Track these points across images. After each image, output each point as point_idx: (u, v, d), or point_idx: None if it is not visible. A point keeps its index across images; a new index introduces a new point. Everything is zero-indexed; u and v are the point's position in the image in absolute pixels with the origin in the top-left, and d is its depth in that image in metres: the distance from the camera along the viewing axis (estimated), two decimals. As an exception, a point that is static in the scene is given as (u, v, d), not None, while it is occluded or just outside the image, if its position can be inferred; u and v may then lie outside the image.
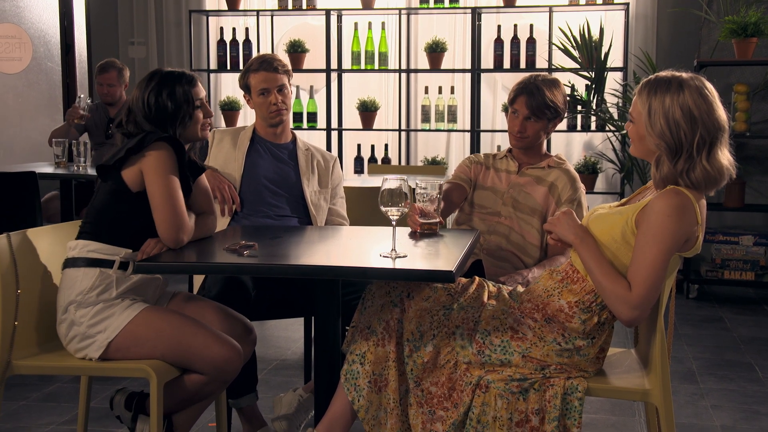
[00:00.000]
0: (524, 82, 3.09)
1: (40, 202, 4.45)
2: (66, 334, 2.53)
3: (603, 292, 2.28)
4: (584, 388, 2.30)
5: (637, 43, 6.00)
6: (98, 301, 2.50)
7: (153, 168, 2.50)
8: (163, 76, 2.63)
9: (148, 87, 2.60)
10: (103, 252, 2.53)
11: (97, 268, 2.52)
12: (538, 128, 3.09)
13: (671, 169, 2.25)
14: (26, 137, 6.73)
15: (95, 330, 2.49)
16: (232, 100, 6.56)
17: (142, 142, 2.51)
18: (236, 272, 2.72)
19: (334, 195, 3.42)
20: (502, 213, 3.13)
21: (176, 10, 6.78)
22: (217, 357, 2.50)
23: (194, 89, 2.65)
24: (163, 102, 2.59)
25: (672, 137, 2.24)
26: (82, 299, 2.50)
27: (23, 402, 3.55)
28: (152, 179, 2.50)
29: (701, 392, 3.75)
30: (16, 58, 6.71)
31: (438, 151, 6.51)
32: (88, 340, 2.50)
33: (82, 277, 2.51)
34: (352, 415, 2.40)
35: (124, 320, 2.49)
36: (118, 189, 2.54)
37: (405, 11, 6.33)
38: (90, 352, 2.51)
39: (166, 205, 2.48)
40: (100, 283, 2.51)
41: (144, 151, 2.50)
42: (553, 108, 3.07)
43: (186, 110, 2.62)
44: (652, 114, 2.26)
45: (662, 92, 2.26)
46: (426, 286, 2.44)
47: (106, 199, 2.57)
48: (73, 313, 2.50)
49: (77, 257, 2.54)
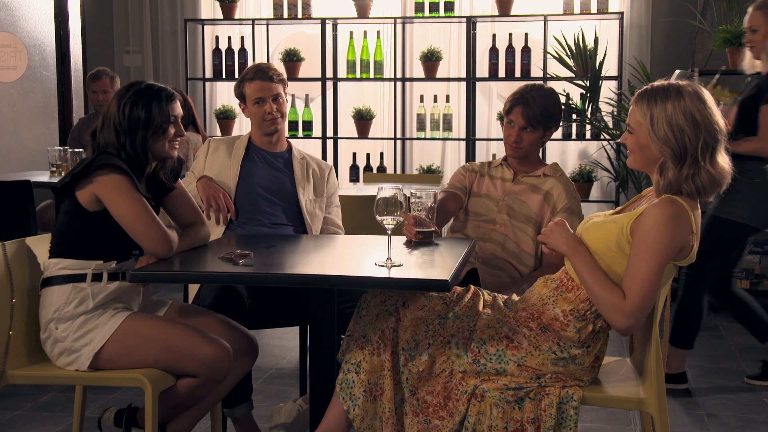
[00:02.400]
0: (520, 93, 3.10)
1: (35, 211, 4.44)
2: (51, 351, 2.54)
3: (597, 301, 2.28)
4: (579, 397, 2.30)
5: (631, 52, 6.02)
6: (77, 314, 2.50)
7: (109, 192, 2.47)
8: (143, 88, 2.60)
9: (125, 96, 2.58)
10: (73, 267, 2.54)
11: (70, 283, 2.52)
12: (534, 138, 3.10)
13: (676, 175, 2.26)
14: (21, 146, 6.72)
15: (80, 343, 2.49)
16: (228, 109, 6.57)
17: (88, 167, 2.48)
18: (231, 281, 2.72)
19: (329, 204, 3.42)
20: (497, 220, 3.13)
21: (172, 18, 6.78)
22: (208, 356, 2.50)
23: (171, 105, 2.61)
24: (138, 113, 2.55)
25: (677, 142, 2.25)
26: (59, 315, 2.51)
27: (17, 412, 3.54)
28: (113, 203, 2.48)
29: (696, 401, 3.75)
30: (11, 67, 6.71)
31: (433, 160, 6.52)
32: (75, 354, 2.51)
33: (56, 294, 2.52)
34: (348, 424, 2.40)
35: (109, 330, 2.49)
36: (74, 210, 2.54)
37: (400, 20, 6.34)
38: (78, 365, 2.51)
39: (137, 222, 2.48)
40: (75, 296, 2.51)
41: (92, 177, 2.48)
42: (549, 118, 3.07)
43: (159, 124, 2.57)
44: (654, 122, 2.27)
45: (662, 100, 2.27)
46: (421, 295, 2.44)
47: (66, 219, 2.57)
48: (54, 329, 2.51)
49: (51, 276, 2.55)
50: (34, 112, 6.85)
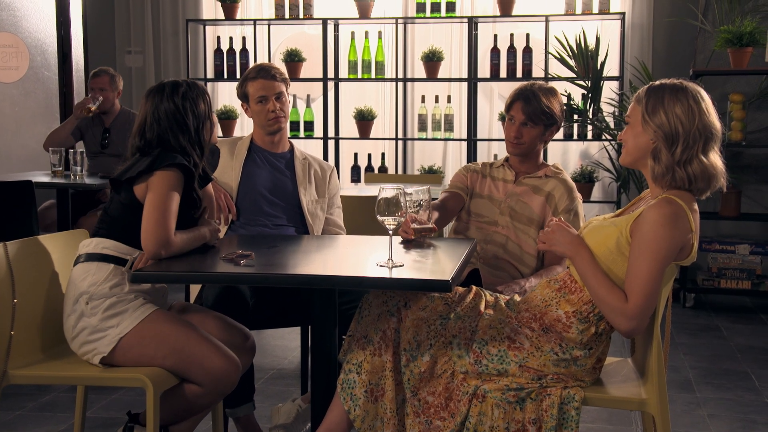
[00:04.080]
0: (521, 89, 3.10)
1: (37, 211, 4.45)
2: (74, 326, 2.53)
3: (600, 304, 2.29)
4: (581, 397, 2.30)
5: (633, 52, 6.02)
6: (111, 294, 2.51)
7: (156, 183, 2.53)
8: (188, 86, 2.68)
9: (173, 95, 2.64)
10: (117, 250, 2.56)
11: (111, 263, 2.55)
12: (535, 135, 3.10)
13: (669, 159, 2.27)
14: (23, 146, 6.73)
15: (108, 324, 2.49)
16: (229, 109, 6.57)
17: (152, 164, 2.54)
18: (233, 282, 2.72)
19: (331, 205, 3.42)
20: (500, 222, 3.13)
21: (173, 19, 6.79)
22: (217, 368, 2.50)
23: (207, 98, 2.73)
24: (192, 108, 2.64)
25: (669, 126, 2.27)
26: (95, 290, 2.51)
27: (19, 412, 3.54)
28: (152, 191, 2.53)
29: (698, 401, 3.75)
30: (12, 67, 6.71)
31: (435, 160, 6.52)
32: (99, 334, 2.50)
33: (96, 270, 2.53)
34: (349, 424, 2.40)
35: (137, 318, 2.51)
36: (130, 203, 2.58)
37: (402, 20, 6.34)
38: (100, 346, 2.50)
39: (153, 215, 2.49)
40: (114, 276, 2.53)
41: (154, 171, 2.54)
42: (549, 114, 3.07)
43: (208, 115, 2.70)
44: (650, 108, 2.30)
45: (660, 93, 2.30)
46: (423, 296, 2.44)
47: (120, 208, 2.61)
48: (84, 305, 2.51)
49: (91, 252, 2.56)
50: (35, 112, 6.86)
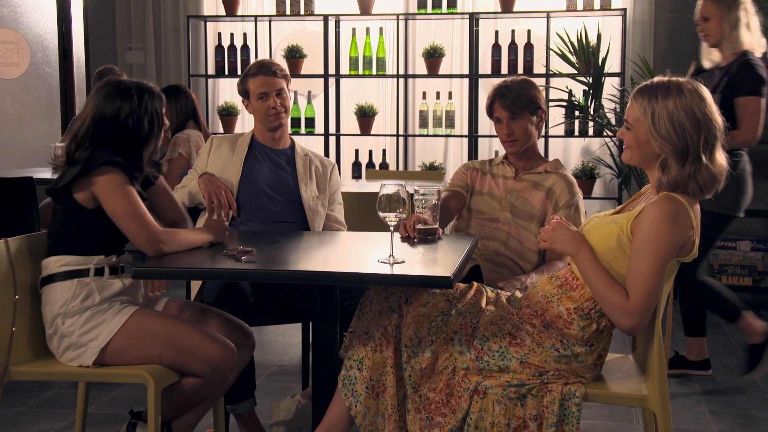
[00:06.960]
0: (493, 90, 3.15)
1: (38, 208, 4.45)
2: (57, 347, 2.53)
3: (601, 301, 2.29)
4: (582, 393, 2.30)
5: (634, 48, 6.01)
6: (83, 308, 2.50)
7: (105, 189, 2.49)
8: (124, 83, 2.59)
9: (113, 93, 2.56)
10: (75, 263, 2.53)
11: (74, 279, 2.52)
12: (524, 126, 3.10)
13: (680, 171, 2.26)
14: (24, 142, 6.73)
15: (87, 338, 2.49)
16: (230, 106, 6.57)
17: (86, 167, 2.48)
18: (234, 278, 2.72)
19: (332, 201, 3.42)
20: (501, 219, 3.13)
21: (174, 15, 6.78)
22: (213, 355, 2.50)
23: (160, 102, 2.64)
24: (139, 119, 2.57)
25: (678, 140, 2.25)
26: (66, 310, 2.50)
27: (21, 408, 3.55)
28: (108, 200, 2.49)
29: (699, 398, 3.75)
30: (13, 64, 6.72)
31: (436, 157, 6.52)
32: (81, 349, 2.50)
33: (61, 289, 2.51)
34: (350, 420, 2.40)
35: (116, 325, 2.49)
36: (72, 209, 2.53)
37: (403, 17, 6.33)
38: (84, 360, 2.50)
39: (129, 220, 2.48)
40: (80, 291, 2.51)
41: (90, 176, 2.48)
42: (529, 100, 3.08)
43: (158, 127, 2.62)
44: (655, 119, 2.26)
45: (663, 96, 2.26)
46: (424, 292, 2.44)
47: (64, 219, 2.57)
48: (61, 324, 2.50)
49: (53, 273, 2.54)
50: (36, 108, 6.86)
